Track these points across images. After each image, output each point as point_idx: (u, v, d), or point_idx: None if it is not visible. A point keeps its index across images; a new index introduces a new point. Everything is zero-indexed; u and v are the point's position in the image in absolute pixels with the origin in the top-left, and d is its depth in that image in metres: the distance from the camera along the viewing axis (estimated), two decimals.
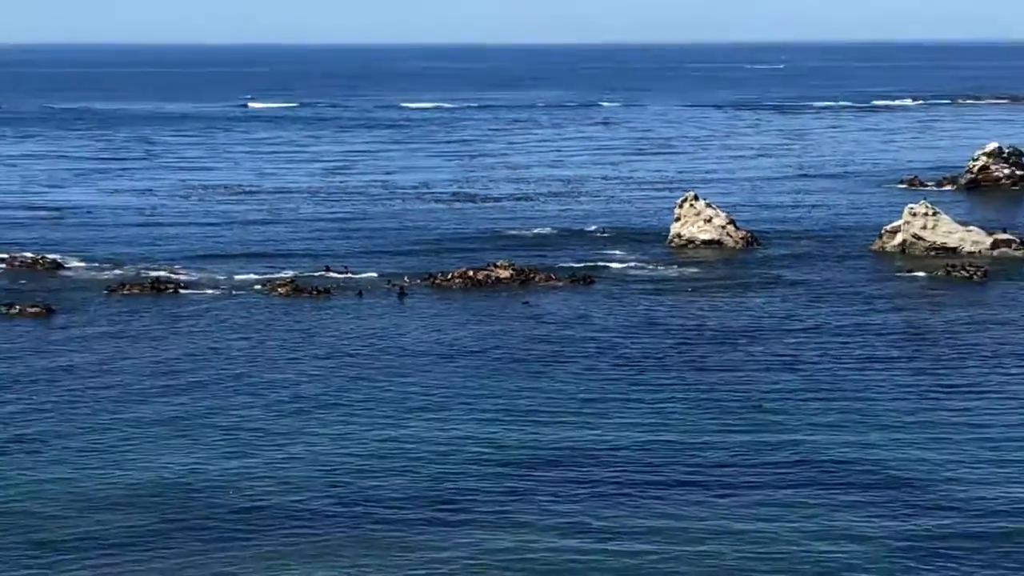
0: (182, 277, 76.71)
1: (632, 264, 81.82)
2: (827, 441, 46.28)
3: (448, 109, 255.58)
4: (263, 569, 35.27)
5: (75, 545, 36.84)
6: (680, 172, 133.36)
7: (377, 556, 36.08)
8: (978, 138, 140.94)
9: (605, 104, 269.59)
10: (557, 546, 37.21)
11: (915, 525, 38.08)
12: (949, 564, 35.26)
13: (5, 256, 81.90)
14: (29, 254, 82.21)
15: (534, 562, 36.09)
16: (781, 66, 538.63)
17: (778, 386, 53.51)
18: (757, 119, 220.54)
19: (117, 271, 78.84)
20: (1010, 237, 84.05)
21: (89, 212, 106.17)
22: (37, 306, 67.91)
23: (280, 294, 72.37)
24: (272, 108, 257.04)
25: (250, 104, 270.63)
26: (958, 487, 41.73)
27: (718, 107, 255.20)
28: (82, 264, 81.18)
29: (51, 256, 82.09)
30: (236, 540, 37.16)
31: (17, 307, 67.81)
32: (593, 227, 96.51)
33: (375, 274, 77.67)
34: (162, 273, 77.42)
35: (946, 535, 37.22)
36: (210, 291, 73.22)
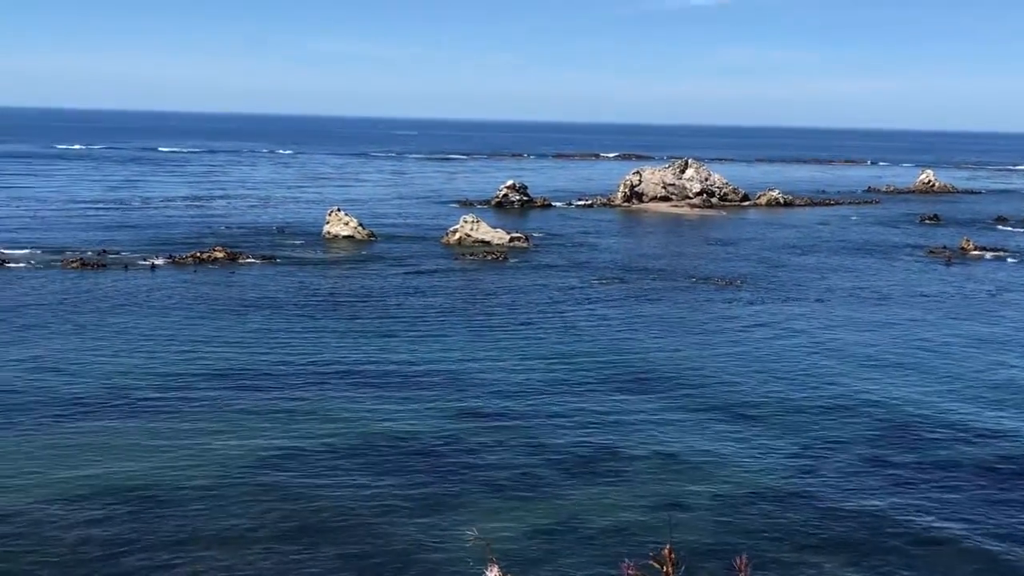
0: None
1: (302, 250, 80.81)
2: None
3: (191, 152, 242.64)
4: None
5: None
6: (330, 194, 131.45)
7: None
8: (501, 178, 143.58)
9: (282, 152, 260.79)
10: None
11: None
12: None
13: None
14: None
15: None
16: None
17: (386, 315, 54.50)
18: (376, 164, 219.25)
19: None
20: (518, 235, 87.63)
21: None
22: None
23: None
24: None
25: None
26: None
27: (356, 155, 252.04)
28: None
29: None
30: None
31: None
32: (277, 227, 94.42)
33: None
34: None
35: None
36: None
